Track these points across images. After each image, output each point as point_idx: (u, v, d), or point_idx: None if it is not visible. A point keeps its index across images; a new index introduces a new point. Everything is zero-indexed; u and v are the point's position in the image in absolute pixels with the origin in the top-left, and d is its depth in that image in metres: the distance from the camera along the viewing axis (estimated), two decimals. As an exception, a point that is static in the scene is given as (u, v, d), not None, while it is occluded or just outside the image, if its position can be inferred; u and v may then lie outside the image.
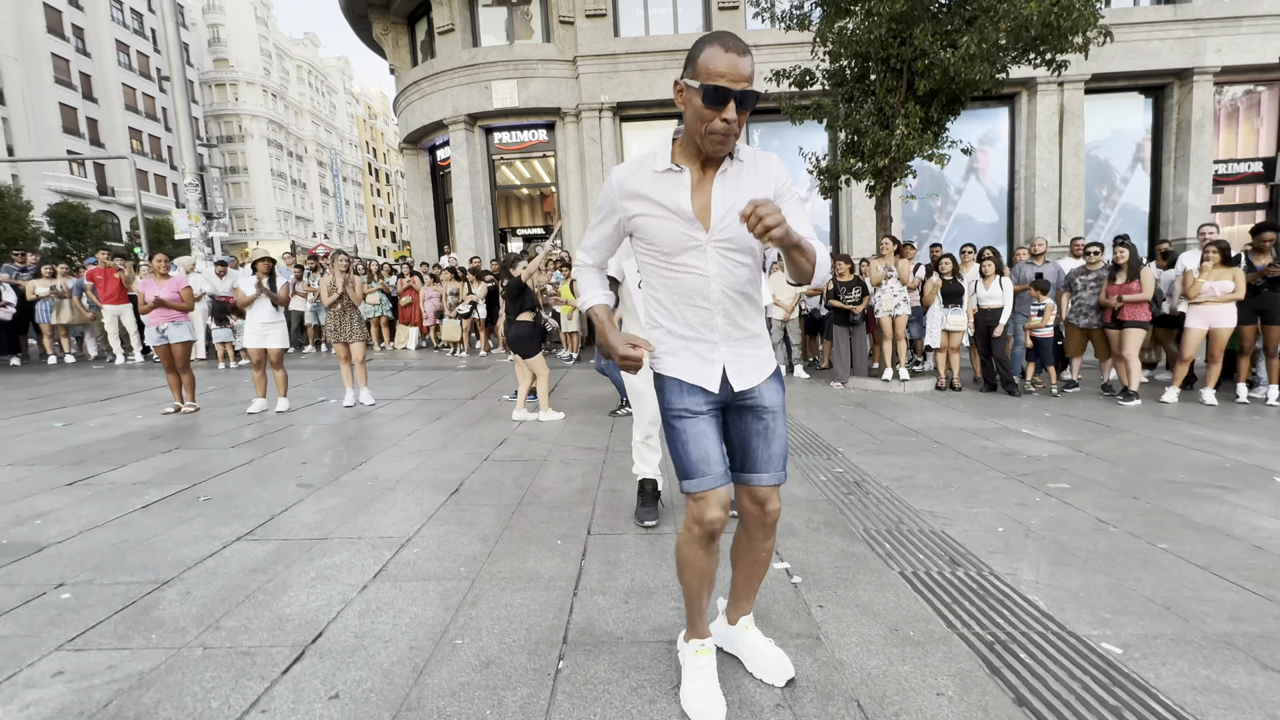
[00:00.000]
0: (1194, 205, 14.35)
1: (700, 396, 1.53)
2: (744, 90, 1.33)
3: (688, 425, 1.52)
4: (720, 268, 1.48)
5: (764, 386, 1.57)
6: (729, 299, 1.51)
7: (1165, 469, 3.70)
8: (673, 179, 1.47)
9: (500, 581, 2.33)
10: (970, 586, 2.24)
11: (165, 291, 5.65)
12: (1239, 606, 2.08)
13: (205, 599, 2.22)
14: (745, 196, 1.44)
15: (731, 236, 1.46)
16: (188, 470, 3.89)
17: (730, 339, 1.53)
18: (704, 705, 1.56)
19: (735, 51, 1.32)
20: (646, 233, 1.50)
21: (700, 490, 1.50)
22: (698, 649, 1.65)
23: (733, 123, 1.35)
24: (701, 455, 1.50)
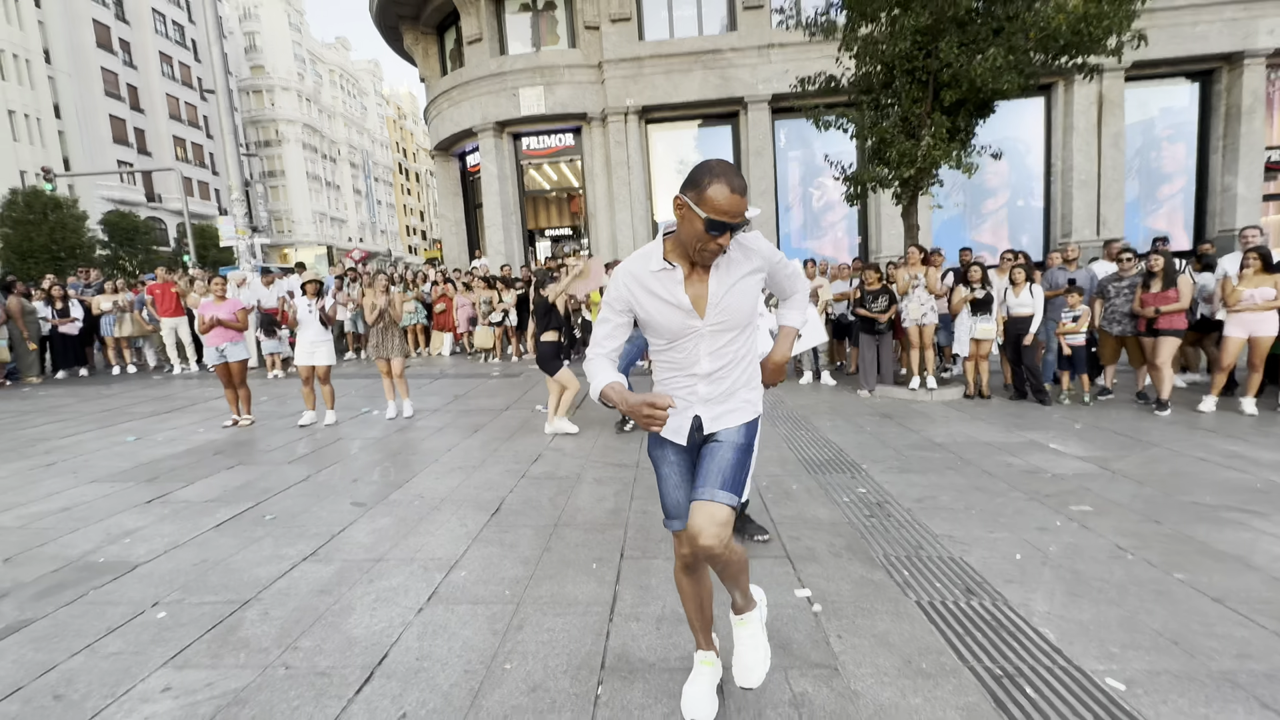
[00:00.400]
0: (1243, 195, 13.77)
1: (672, 448, 1.80)
2: (739, 223, 1.56)
3: (666, 473, 1.81)
4: (711, 345, 1.73)
5: (731, 429, 1.78)
6: (715, 371, 1.75)
7: (1193, 490, 3.72)
8: (667, 276, 1.69)
9: (542, 605, 2.54)
10: (983, 617, 2.36)
11: (224, 312, 6.04)
12: (1248, 643, 2.16)
13: (282, 619, 2.49)
14: (736, 284, 1.70)
15: (724, 320, 1.71)
16: (251, 488, 4.22)
17: (707, 401, 1.76)
18: (696, 705, 1.86)
19: (738, 193, 1.52)
20: (651, 322, 1.73)
21: (676, 529, 1.80)
22: (702, 660, 1.94)
23: (724, 245, 1.60)
24: (675, 502, 1.79)
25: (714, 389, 1.75)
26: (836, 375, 8.40)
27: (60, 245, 25.28)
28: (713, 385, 1.75)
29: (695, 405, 1.76)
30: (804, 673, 2.05)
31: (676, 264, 1.68)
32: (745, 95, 13.76)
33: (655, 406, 1.50)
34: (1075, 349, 6.50)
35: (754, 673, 1.80)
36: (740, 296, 1.70)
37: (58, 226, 25.51)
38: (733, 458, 1.72)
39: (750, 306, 1.74)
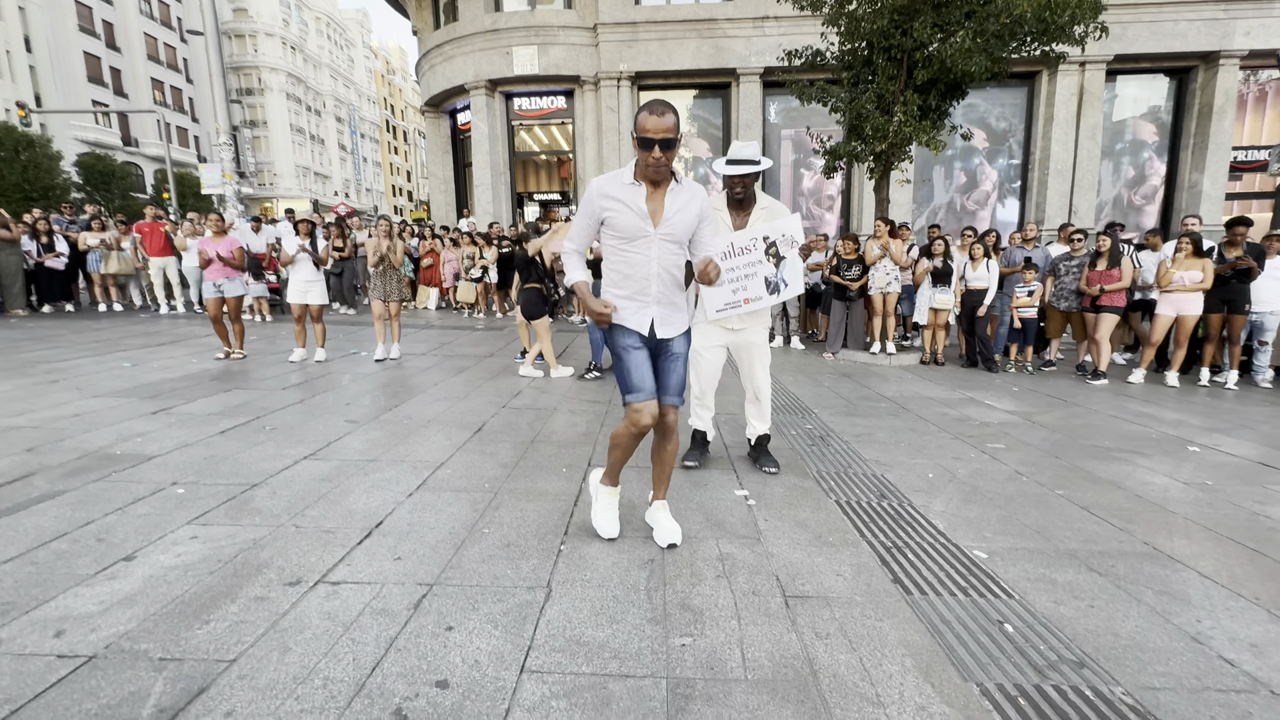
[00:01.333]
0: (1209, 193, 14.36)
1: (637, 337, 2.30)
2: (664, 138, 2.08)
3: (631, 356, 2.29)
4: (660, 252, 2.25)
5: (677, 339, 2.37)
6: (662, 275, 2.27)
7: (1095, 436, 4.22)
8: (633, 189, 2.22)
9: (517, 494, 2.94)
10: (888, 513, 2.82)
11: (224, 249, 6.25)
12: (1096, 534, 2.64)
13: (289, 497, 2.86)
14: (684, 209, 2.24)
15: (672, 232, 2.23)
16: (250, 405, 4.55)
17: (659, 302, 2.30)
18: (606, 523, 2.49)
19: (657, 114, 2.08)
20: (614, 223, 2.23)
21: (637, 402, 2.26)
22: (610, 492, 2.53)
23: (660, 159, 2.12)
24: (639, 379, 2.27)
25: (662, 290, 2.28)
26: (806, 342, 8.85)
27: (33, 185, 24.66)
28: (661, 286, 2.28)
29: (650, 306, 2.30)
30: (731, 541, 2.48)
31: (641, 183, 2.21)
32: (738, 67, 13.90)
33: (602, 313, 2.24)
34: (1026, 321, 7.01)
35: (676, 532, 2.46)
36: (685, 216, 2.24)
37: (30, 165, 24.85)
38: (682, 372, 2.39)
39: (690, 229, 2.27)
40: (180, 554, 2.30)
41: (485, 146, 14.80)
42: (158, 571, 2.16)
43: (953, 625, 1.93)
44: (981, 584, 2.19)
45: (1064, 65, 14.21)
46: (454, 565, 2.25)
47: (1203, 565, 2.37)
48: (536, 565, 2.27)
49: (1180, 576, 2.27)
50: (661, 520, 2.48)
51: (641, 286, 2.28)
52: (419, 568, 2.23)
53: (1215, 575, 2.29)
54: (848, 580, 2.20)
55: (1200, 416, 4.90)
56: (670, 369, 2.35)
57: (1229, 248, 6.23)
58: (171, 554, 2.30)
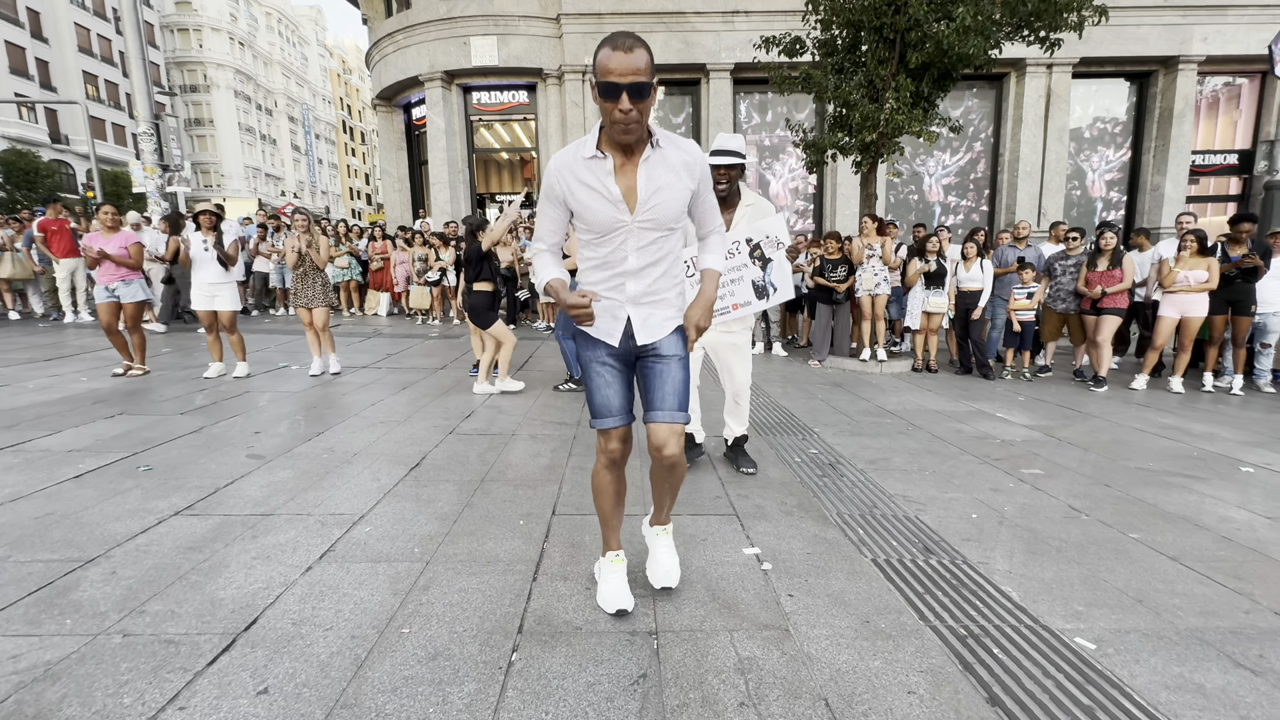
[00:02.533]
0: (1170, 195, 14.50)
1: (604, 349, 1.80)
2: (633, 82, 1.48)
3: (598, 373, 1.81)
4: (639, 243, 1.70)
5: (666, 339, 1.81)
6: (643, 271, 1.74)
7: (1135, 456, 3.71)
8: (598, 165, 1.64)
9: (456, 564, 2.20)
10: (943, 575, 2.18)
11: (113, 246, 5.29)
12: (1210, 600, 2.05)
13: (132, 580, 2.05)
14: (668, 181, 1.66)
15: (654, 218, 1.67)
16: (130, 437, 3.66)
17: (637, 302, 1.77)
18: (615, 598, 1.89)
19: (623, 49, 1.47)
20: (582, 214, 1.69)
21: (603, 427, 1.80)
22: (613, 559, 1.96)
23: (629, 112, 1.52)
24: (604, 401, 1.80)
25: (640, 286, 1.75)
26: (788, 348, 8.29)
27: (-58, 182, 22.46)
28: (639, 282, 1.75)
29: (625, 305, 1.77)
30: (751, 635, 1.80)
31: (608, 154, 1.65)
32: (708, 62, 13.39)
33: (579, 305, 1.61)
34: (1024, 325, 6.57)
35: (673, 574, 2.00)
36: (670, 194, 1.67)
37: (-61, 161, 22.64)
38: (681, 377, 1.81)
39: (680, 208, 1.71)
40: (-85, 699, 1.48)
41: (442, 143, 13.89)
42: None
43: (1104, 789, 1.28)
44: (1112, 701, 1.55)
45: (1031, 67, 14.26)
46: (349, 702, 1.50)
47: (1369, 648, 1.79)
48: (475, 693, 1.54)
49: (1355, 671, 1.69)
50: (660, 552, 2.03)
51: (615, 283, 1.77)
52: (292, 708, 1.48)
53: (1395, 666, 1.72)
54: (926, 703, 1.53)
55: (1229, 428, 4.47)
56: (660, 376, 1.80)
57: (1233, 245, 5.91)
58: (-100, 699, 1.48)
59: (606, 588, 1.92)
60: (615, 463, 1.85)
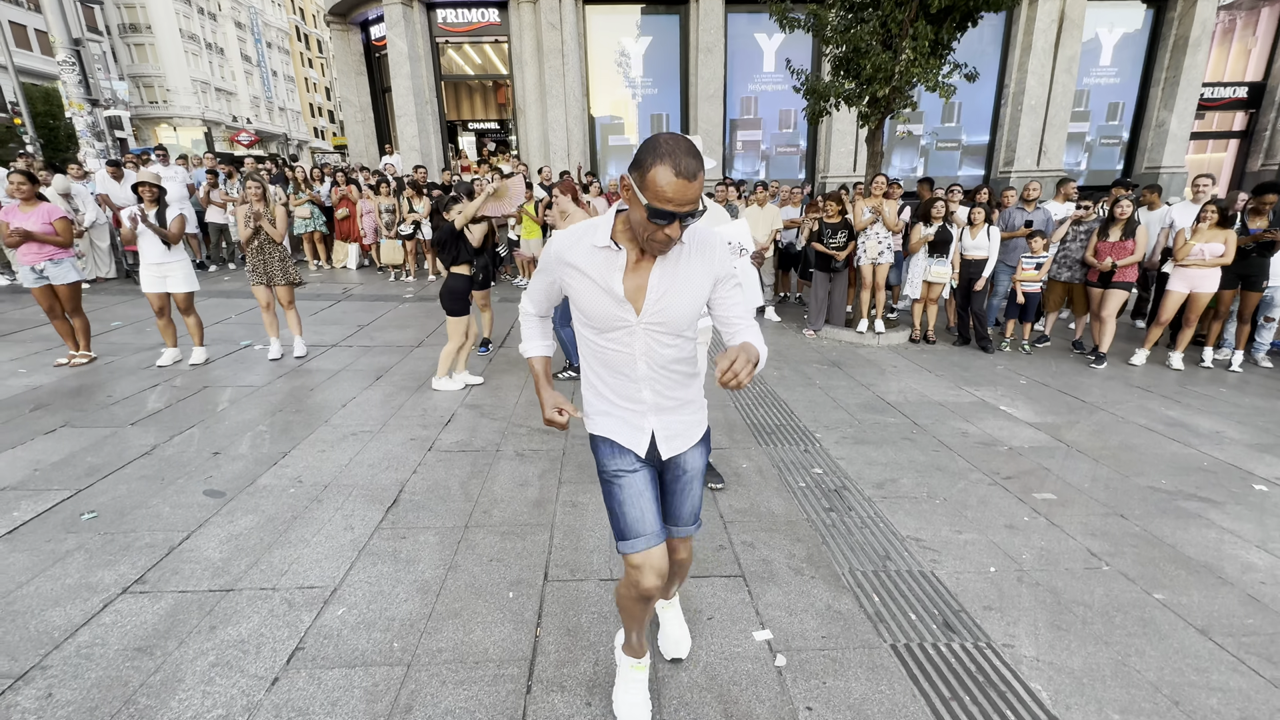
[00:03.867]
0: (1175, 132, 13.95)
1: (629, 457, 1.59)
2: (690, 210, 1.30)
3: (624, 483, 1.57)
4: (648, 347, 1.50)
5: (690, 452, 1.65)
6: (656, 374, 1.54)
7: (1146, 469, 3.59)
8: (609, 257, 1.44)
9: (440, 668, 1.99)
10: (968, 670, 2.04)
11: (33, 223, 4.67)
12: (1248, 699, 1.94)
13: (72, 706, 1.81)
14: (683, 283, 1.45)
15: (663, 321, 1.47)
16: (73, 465, 3.32)
17: (659, 409, 1.58)
18: (633, 711, 1.78)
19: (685, 177, 1.25)
20: (579, 304, 1.51)
21: (635, 551, 1.55)
22: (634, 665, 1.82)
23: (672, 237, 1.34)
24: (637, 516, 1.55)
25: (661, 396, 1.57)
26: (781, 309, 7.99)
27: None
28: (656, 390, 1.56)
29: (647, 415, 1.58)
30: (771, 777, 1.64)
31: (623, 246, 1.43)
32: (698, -23, 12.11)
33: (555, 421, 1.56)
34: (1029, 296, 6.32)
35: (684, 644, 2.01)
36: (685, 297, 1.46)
37: None
38: (700, 488, 1.71)
39: (694, 311, 1.49)
40: None
41: (406, 69, 12.63)
42: None
43: None
44: None
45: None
46: None
47: None
48: None
49: None
50: (669, 624, 2.02)
51: (628, 391, 1.56)
52: None
53: None
54: None
55: (1232, 422, 4.37)
56: (681, 493, 1.68)
57: (1253, 217, 5.61)
58: None
59: (627, 696, 1.80)
60: (644, 598, 1.60)
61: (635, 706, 1.78)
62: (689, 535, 1.73)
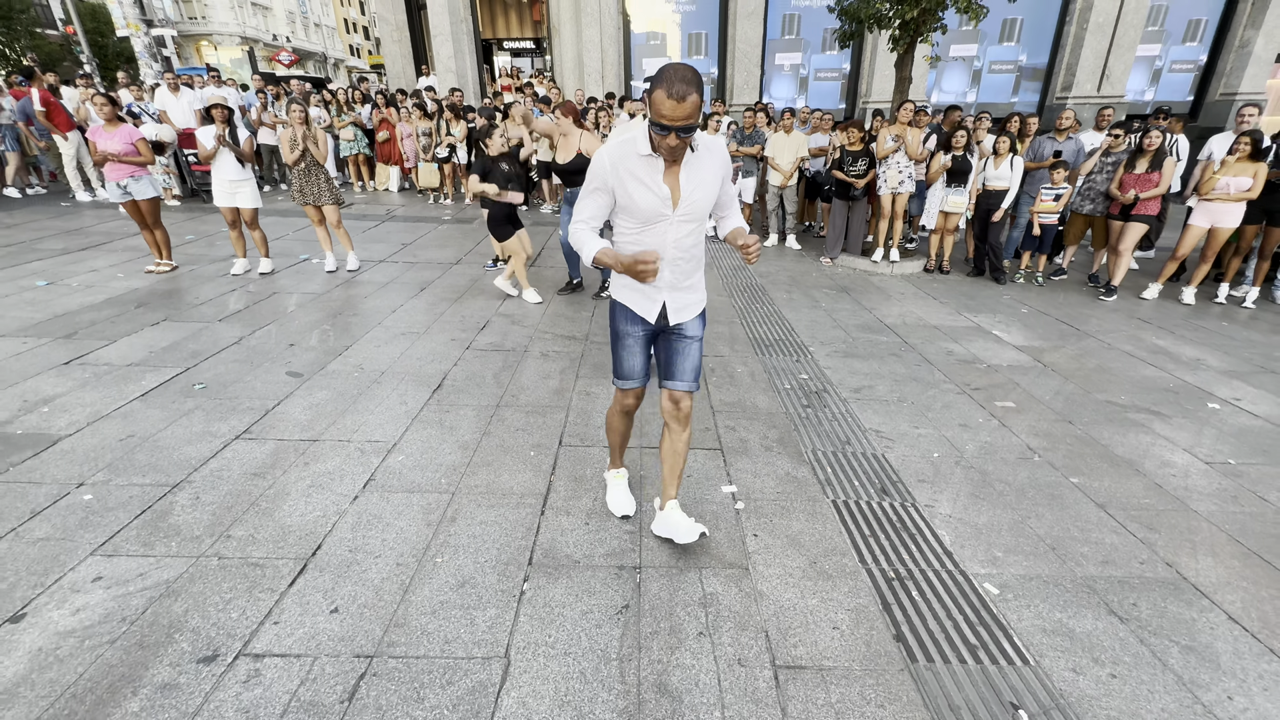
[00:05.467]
0: (1259, 54, 12.81)
1: (639, 325, 2.12)
2: (684, 125, 1.71)
3: (628, 343, 2.15)
4: (677, 234, 1.96)
5: (690, 322, 2.14)
6: (677, 259, 2.00)
7: (1110, 388, 3.92)
8: (651, 163, 1.87)
9: (476, 496, 2.61)
10: (890, 519, 2.55)
11: (116, 144, 5.25)
12: (1115, 550, 2.41)
13: (214, 506, 2.50)
14: (703, 180, 1.92)
15: (690, 212, 1.94)
16: (179, 350, 4.03)
17: (672, 287, 2.06)
18: (620, 502, 2.50)
19: (676, 98, 1.66)
20: (630, 204, 1.91)
21: (625, 386, 2.24)
22: (615, 474, 2.57)
23: (678, 146, 1.78)
24: (630, 367, 2.19)
25: (676, 275, 2.03)
26: (803, 238, 8.18)
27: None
28: (675, 272, 2.02)
29: (663, 290, 2.05)
30: (717, 573, 2.21)
31: (659, 155, 1.84)
32: (741, -120, 11.40)
33: (645, 261, 1.80)
34: (1046, 228, 6.39)
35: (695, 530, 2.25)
36: (705, 191, 1.94)
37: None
38: (698, 355, 2.17)
39: (712, 202, 2.00)
40: (79, 609, 1.97)
41: (440, -15, 12.49)
42: (49, 643, 1.85)
43: (961, 713, 1.72)
44: (993, 640, 1.96)
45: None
46: (400, 622, 1.97)
47: (1230, 600, 2.16)
48: (495, 618, 1.99)
49: (1207, 621, 2.07)
50: (676, 522, 2.29)
51: None
52: (359, 626, 1.95)
53: (1244, 617, 2.09)
54: (845, 636, 1.96)
55: (1219, 352, 4.59)
56: (683, 353, 2.15)
57: (1287, 149, 5.50)
58: (68, 609, 1.97)
59: (614, 496, 2.53)
60: (628, 412, 2.36)
61: (620, 499, 2.51)
62: (689, 390, 2.17)
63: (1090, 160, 6.23)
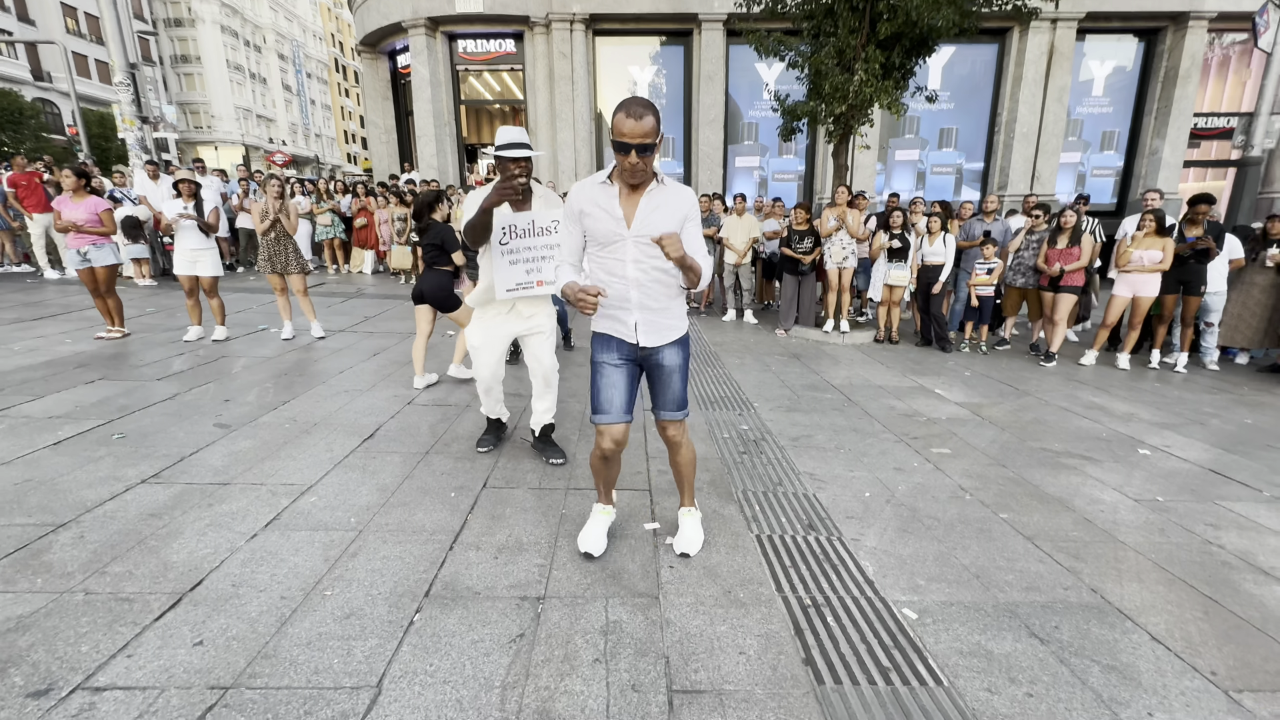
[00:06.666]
0: (1168, 160, 14.26)
1: (615, 354, 2.16)
2: (640, 143, 1.88)
3: (604, 373, 2.17)
4: (636, 254, 2.06)
5: (666, 349, 2.18)
6: (643, 280, 2.09)
7: (1045, 437, 3.97)
8: (607, 190, 2.06)
9: (385, 533, 2.49)
10: (813, 551, 2.47)
11: (81, 214, 5.41)
12: (1039, 577, 2.34)
13: (97, 544, 2.34)
14: (662, 213, 2.03)
15: (646, 233, 2.03)
16: (107, 405, 3.92)
17: (643, 307, 2.12)
18: (590, 540, 2.36)
19: (634, 118, 1.86)
20: (590, 228, 2.07)
21: (600, 423, 2.18)
22: (600, 509, 2.45)
23: (636, 164, 1.93)
24: (607, 399, 2.16)
25: (644, 296, 2.10)
26: (761, 315, 8.47)
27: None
28: (642, 293, 2.09)
29: (632, 311, 2.12)
30: (625, 602, 2.09)
31: (616, 184, 2.05)
32: (700, 12, 12.94)
33: (586, 293, 1.92)
34: (983, 299, 6.72)
35: (695, 544, 2.40)
36: (663, 218, 2.03)
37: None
38: (681, 383, 2.22)
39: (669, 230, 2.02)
40: (-92, 644, 1.78)
41: (427, 94, 13.61)
42: None
43: (866, 733, 1.59)
44: (906, 662, 1.85)
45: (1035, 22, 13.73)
46: (269, 653, 1.80)
47: (1154, 622, 2.09)
48: (375, 649, 1.84)
49: (1130, 641, 1.98)
50: (685, 528, 2.43)
51: (620, 292, 2.11)
52: (221, 657, 1.78)
53: (1168, 637, 2.01)
54: (751, 661, 1.84)
55: (1151, 408, 4.72)
56: (663, 382, 2.21)
57: (1190, 226, 5.99)
58: (-104, 645, 1.78)
59: (588, 530, 2.40)
60: (608, 458, 2.27)
61: (589, 535, 2.37)
62: (674, 419, 2.23)
63: (1017, 238, 6.71)
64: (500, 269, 2.92)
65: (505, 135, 2.75)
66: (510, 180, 2.47)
